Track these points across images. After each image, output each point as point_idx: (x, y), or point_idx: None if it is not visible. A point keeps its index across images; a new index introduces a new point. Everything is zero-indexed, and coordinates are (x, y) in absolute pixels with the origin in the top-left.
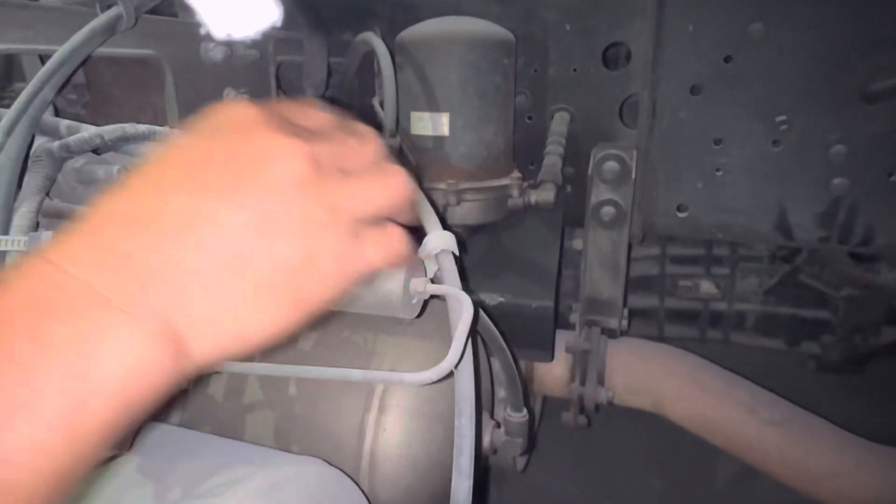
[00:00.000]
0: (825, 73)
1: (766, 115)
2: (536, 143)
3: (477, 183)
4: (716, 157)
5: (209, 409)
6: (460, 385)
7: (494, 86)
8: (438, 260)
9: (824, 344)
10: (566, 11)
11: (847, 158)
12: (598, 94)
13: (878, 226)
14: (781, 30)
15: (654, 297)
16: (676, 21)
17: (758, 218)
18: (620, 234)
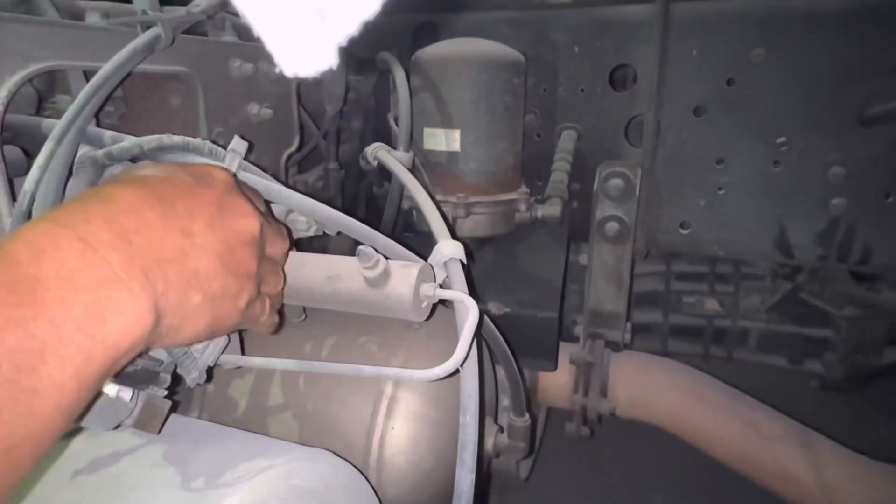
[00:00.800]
0: (824, 97)
1: (767, 136)
2: (544, 159)
3: (486, 197)
4: (718, 176)
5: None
6: (465, 384)
7: (504, 104)
8: (447, 267)
9: (827, 362)
10: (575, 34)
11: (845, 179)
12: (605, 113)
13: (875, 245)
14: (782, 55)
15: (658, 312)
16: (681, 45)
17: (758, 236)
18: (624, 249)
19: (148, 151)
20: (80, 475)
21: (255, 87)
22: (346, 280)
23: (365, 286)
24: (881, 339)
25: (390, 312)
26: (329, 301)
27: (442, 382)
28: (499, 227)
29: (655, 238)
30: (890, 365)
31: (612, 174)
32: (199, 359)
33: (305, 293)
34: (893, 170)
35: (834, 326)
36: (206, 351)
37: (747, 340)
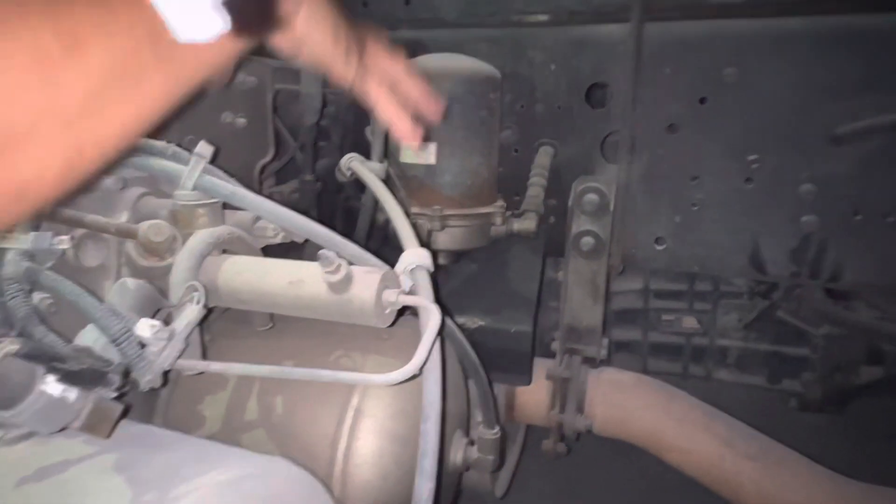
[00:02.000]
0: (794, 116)
1: (739, 153)
2: (522, 174)
3: (461, 210)
4: (692, 192)
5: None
6: (427, 391)
7: (480, 119)
8: (413, 275)
9: (805, 382)
10: (552, 52)
11: (816, 197)
12: (581, 130)
13: (846, 263)
14: (753, 74)
15: (638, 330)
16: (655, 64)
17: (732, 252)
18: (599, 264)
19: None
20: (25, 483)
21: (229, 97)
22: (308, 285)
23: (327, 291)
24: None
25: (353, 318)
26: (292, 307)
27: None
28: (474, 240)
29: (631, 254)
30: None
31: (587, 189)
32: (155, 362)
33: (268, 299)
34: (862, 188)
35: (811, 345)
36: (163, 354)
37: (726, 359)
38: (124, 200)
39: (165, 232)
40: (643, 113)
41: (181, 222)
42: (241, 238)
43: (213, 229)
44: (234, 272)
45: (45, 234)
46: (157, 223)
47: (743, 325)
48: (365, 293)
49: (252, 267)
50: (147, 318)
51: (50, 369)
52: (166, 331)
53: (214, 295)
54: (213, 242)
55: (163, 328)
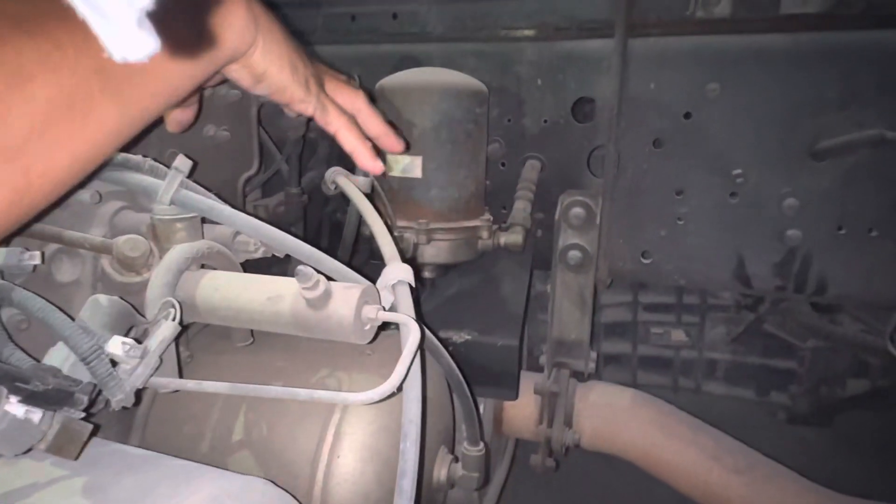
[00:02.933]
0: (777, 131)
1: (723, 168)
2: (509, 188)
3: (447, 223)
4: (677, 206)
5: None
6: (407, 409)
7: (466, 133)
8: (395, 290)
9: (792, 394)
10: (538, 67)
11: (799, 211)
12: (568, 144)
13: (830, 276)
14: (736, 90)
15: (627, 343)
16: (639, 79)
17: (718, 266)
18: (587, 278)
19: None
20: None
21: (211, 109)
22: (287, 301)
23: (306, 307)
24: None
25: (332, 335)
26: (271, 323)
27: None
28: (461, 253)
29: (618, 267)
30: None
31: (573, 203)
32: (127, 380)
33: (247, 315)
34: (845, 202)
35: (798, 358)
36: (135, 372)
37: (715, 372)
38: (100, 215)
39: (141, 247)
40: (629, 128)
41: (159, 237)
42: (220, 253)
43: (191, 244)
44: (212, 288)
45: (15, 249)
46: (133, 238)
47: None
48: (344, 309)
49: (230, 282)
50: (119, 336)
51: (13, 389)
52: (139, 348)
53: (192, 311)
54: (190, 257)
55: (135, 346)
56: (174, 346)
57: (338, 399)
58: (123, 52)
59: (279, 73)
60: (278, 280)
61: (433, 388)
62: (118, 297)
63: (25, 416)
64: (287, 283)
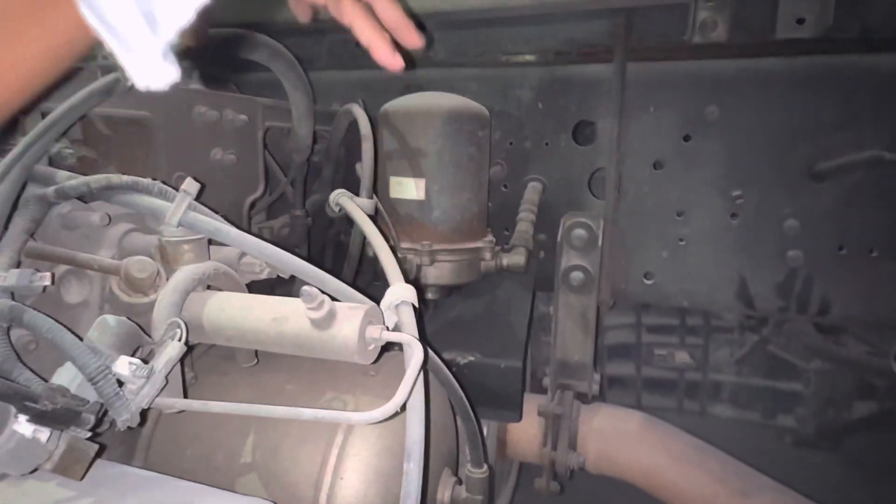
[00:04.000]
0: (775, 153)
1: (724, 189)
2: (512, 209)
3: (450, 245)
4: (679, 228)
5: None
6: (410, 430)
7: (468, 156)
8: (398, 311)
9: (799, 417)
10: (539, 91)
11: (800, 232)
12: (569, 166)
13: (833, 297)
14: (734, 113)
15: (631, 365)
16: (639, 103)
17: (720, 287)
18: (589, 299)
19: (96, 191)
20: None
21: (219, 133)
22: (292, 322)
23: (311, 328)
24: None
25: (336, 355)
26: (276, 343)
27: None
28: (464, 275)
29: (621, 288)
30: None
31: (575, 225)
32: (133, 400)
33: (252, 336)
34: (845, 223)
35: (803, 380)
36: (141, 392)
37: (720, 394)
38: (109, 237)
39: (149, 268)
40: (629, 150)
41: (166, 258)
42: (226, 274)
43: (197, 265)
44: (218, 308)
45: (26, 271)
46: (140, 259)
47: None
48: (348, 329)
49: (236, 303)
50: (126, 356)
51: (21, 409)
52: (145, 369)
53: (199, 331)
54: (197, 279)
55: (141, 366)
56: (179, 367)
57: (341, 419)
58: (147, 81)
59: None
60: (283, 301)
61: (437, 410)
62: (126, 318)
63: (33, 435)
64: (292, 303)
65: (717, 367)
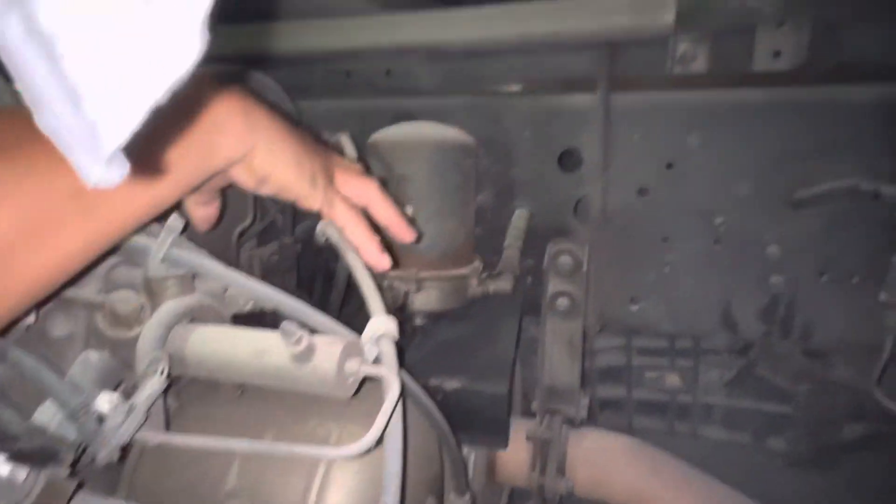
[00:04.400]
0: (756, 180)
1: (707, 216)
2: (499, 235)
3: (437, 272)
4: (664, 253)
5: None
6: (388, 462)
7: (455, 185)
8: (379, 344)
9: (790, 439)
10: (525, 120)
11: (782, 258)
12: (555, 193)
13: (815, 322)
14: (715, 141)
15: (622, 387)
16: (623, 131)
17: (705, 312)
18: (576, 324)
19: None
20: None
21: None
22: (273, 355)
23: (290, 362)
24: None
25: (316, 388)
26: (258, 377)
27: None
28: (450, 301)
29: (607, 313)
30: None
31: (560, 251)
32: (113, 436)
33: (235, 369)
34: (826, 249)
35: (793, 402)
36: (122, 428)
37: (711, 416)
38: (96, 271)
39: (132, 303)
40: (614, 177)
41: (151, 293)
42: (210, 307)
43: (181, 299)
44: (201, 342)
45: None
46: (124, 294)
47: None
48: (326, 364)
49: (218, 336)
50: (107, 392)
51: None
52: (125, 405)
53: (182, 364)
54: (181, 313)
55: (122, 402)
56: (162, 400)
57: (317, 454)
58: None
59: (283, 173)
60: (265, 335)
61: (420, 438)
62: (108, 353)
63: (11, 474)
64: (273, 337)
65: (708, 390)
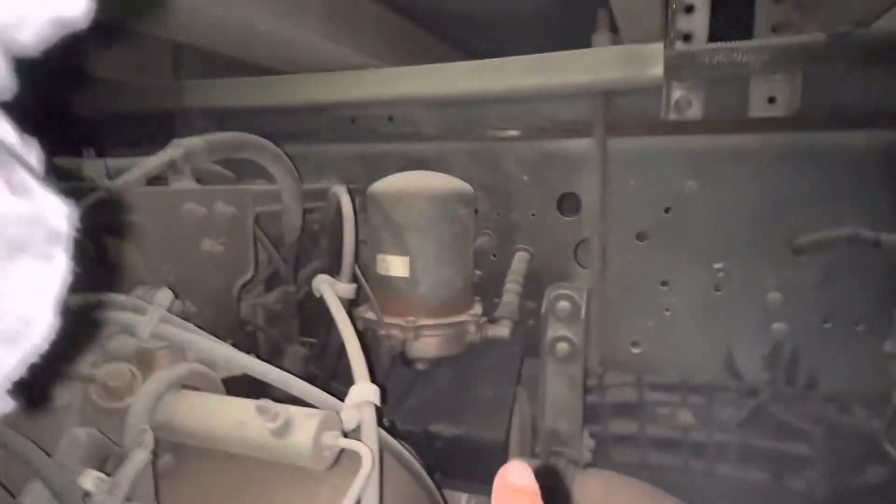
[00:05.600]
0: (755, 226)
1: (706, 261)
2: (501, 278)
3: (435, 319)
4: (664, 297)
5: None
6: None
7: (452, 234)
8: (360, 411)
9: (809, 480)
10: (524, 165)
11: (783, 305)
12: (555, 237)
13: (820, 370)
14: (713, 186)
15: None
16: (620, 176)
17: (707, 357)
18: (575, 368)
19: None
20: None
21: (208, 226)
22: (252, 428)
23: (269, 435)
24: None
25: (293, 460)
26: (239, 447)
27: None
28: (449, 348)
29: (608, 357)
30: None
31: (559, 297)
32: None
33: (218, 439)
34: (829, 296)
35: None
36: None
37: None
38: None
39: (123, 377)
40: (612, 221)
41: (143, 363)
42: (201, 373)
43: (171, 369)
44: (188, 411)
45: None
46: (115, 368)
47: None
48: (303, 438)
49: (205, 406)
50: (92, 470)
51: None
52: (108, 482)
53: (171, 433)
54: (170, 382)
55: (105, 480)
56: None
57: None
58: None
59: None
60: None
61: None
62: (95, 430)
63: None
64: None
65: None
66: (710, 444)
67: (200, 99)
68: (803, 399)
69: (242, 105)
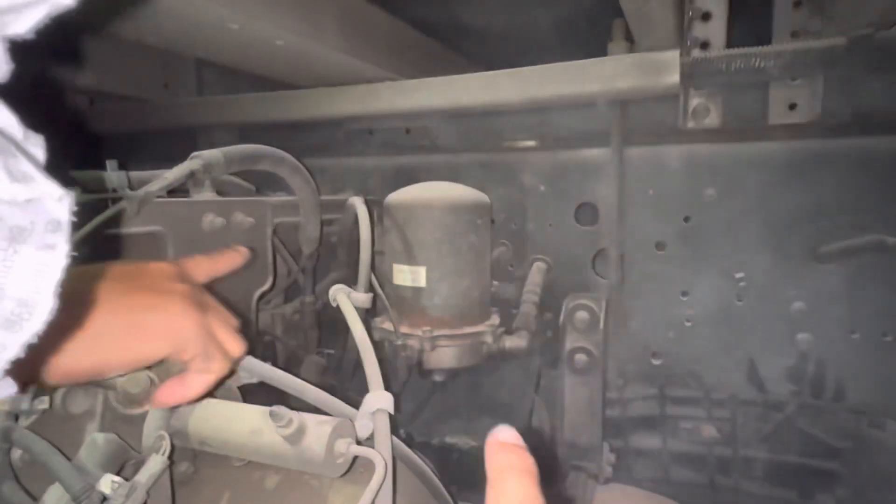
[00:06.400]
0: (777, 234)
1: (727, 271)
2: (518, 289)
3: (451, 330)
4: (684, 308)
5: None
6: None
7: (468, 244)
8: (374, 418)
9: (840, 498)
10: (540, 175)
11: (808, 315)
12: (572, 246)
13: (847, 382)
14: (732, 195)
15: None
16: (638, 185)
17: (729, 369)
18: (594, 380)
19: None
20: None
21: (228, 237)
22: (266, 435)
23: (283, 442)
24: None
25: (307, 468)
26: (254, 454)
27: None
28: (465, 359)
29: (628, 369)
30: None
31: (577, 307)
32: None
33: (233, 447)
34: (855, 306)
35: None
36: None
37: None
38: None
39: (142, 384)
40: (630, 231)
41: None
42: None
43: None
44: (204, 418)
45: (23, 396)
46: (135, 375)
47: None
48: (316, 445)
49: (220, 413)
50: (110, 475)
51: None
52: (126, 486)
53: (186, 440)
54: None
55: (123, 484)
56: (168, 476)
57: None
58: None
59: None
60: (262, 413)
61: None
62: (114, 435)
63: None
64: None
65: (748, 443)
66: (735, 459)
67: (221, 114)
68: (831, 412)
69: (262, 120)
